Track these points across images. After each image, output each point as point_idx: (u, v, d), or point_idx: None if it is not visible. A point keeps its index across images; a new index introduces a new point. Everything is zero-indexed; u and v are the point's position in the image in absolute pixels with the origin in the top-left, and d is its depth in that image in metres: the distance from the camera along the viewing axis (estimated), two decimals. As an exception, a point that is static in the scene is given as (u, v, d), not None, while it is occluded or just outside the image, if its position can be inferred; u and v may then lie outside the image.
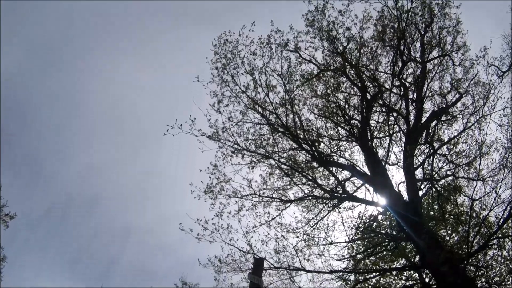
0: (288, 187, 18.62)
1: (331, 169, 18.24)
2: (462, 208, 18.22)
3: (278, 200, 18.40)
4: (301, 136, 17.72)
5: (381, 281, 20.28)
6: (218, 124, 17.82)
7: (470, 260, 16.14)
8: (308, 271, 16.93)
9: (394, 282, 20.65)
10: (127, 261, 76.87)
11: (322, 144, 18.74)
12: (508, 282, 17.31)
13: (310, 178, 18.25)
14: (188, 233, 16.60)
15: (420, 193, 17.18)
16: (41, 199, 77.36)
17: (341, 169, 18.54)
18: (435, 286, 18.60)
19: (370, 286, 20.35)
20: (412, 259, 19.05)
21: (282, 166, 18.32)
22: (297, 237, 18.30)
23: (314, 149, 17.67)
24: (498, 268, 17.53)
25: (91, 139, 76.44)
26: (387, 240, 18.63)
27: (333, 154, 18.74)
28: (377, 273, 18.71)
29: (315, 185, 18.26)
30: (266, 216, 18.04)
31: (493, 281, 17.17)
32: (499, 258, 17.55)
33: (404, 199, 16.40)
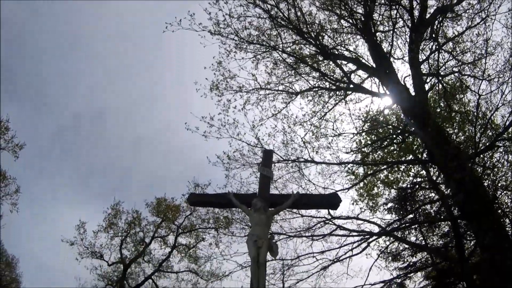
0: (294, 79, 18.37)
1: (336, 61, 17.85)
2: (468, 108, 18.12)
3: (284, 92, 18.23)
4: (305, 30, 17.20)
5: (389, 177, 20.46)
6: (219, 18, 17.27)
7: (476, 160, 16.19)
8: (317, 163, 17.00)
9: (402, 178, 20.84)
10: (139, 171, 78.13)
11: (326, 38, 18.26)
12: None
13: (315, 68, 17.98)
14: (194, 132, 16.67)
15: (426, 87, 16.95)
16: (49, 124, 77.75)
17: (346, 62, 18.14)
18: (442, 183, 18.89)
19: (378, 181, 20.58)
20: (419, 156, 19.09)
21: (287, 59, 18.04)
22: (305, 129, 18.35)
23: (318, 42, 17.25)
24: (504, 172, 17.73)
25: (92, 56, 75.81)
26: (394, 134, 18.61)
27: (337, 47, 18.26)
28: (386, 166, 18.80)
29: (321, 75, 18.03)
30: (273, 109, 17.98)
31: (499, 185, 17.34)
32: (505, 162, 17.71)
33: (411, 93, 16.18)
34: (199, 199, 10.22)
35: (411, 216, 19.22)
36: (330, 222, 16.87)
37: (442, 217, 19.57)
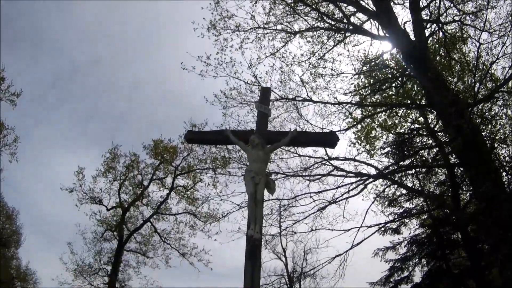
0: (293, 19, 18.08)
1: (336, 3, 17.55)
2: (468, 58, 17.97)
3: (282, 32, 17.97)
4: (304, -30, 16.88)
5: (387, 122, 20.44)
6: None
7: (475, 110, 16.21)
8: (315, 102, 17.06)
9: (399, 123, 20.84)
10: (136, 115, 78.49)
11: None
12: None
13: (314, 7, 17.63)
14: (191, 71, 16.66)
15: (426, 33, 16.89)
16: (46, 71, 77.27)
17: (346, 4, 17.80)
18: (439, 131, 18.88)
19: (376, 125, 20.56)
20: (418, 102, 19.05)
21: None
22: (303, 69, 18.27)
23: (317, -16, 16.95)
24: (502, 125, 18.01)
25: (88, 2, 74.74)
26: (393, 78, 18.49)
27: (336, -12, 17.90)
28: (384, 108, 18.74)
29: (320, 16, 17.76)
30: (271, 48, 17.80)
31: (497, 137, 17.46)
32: (504, 116, 17.84)
33: (410, 37, 15.97)
34: (196, 136, 10.08)
35: (408, 161, 19.31)
36: (327, 163, 17.02)
37: (439, 163, 19.69)
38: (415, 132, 20.11)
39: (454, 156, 17.53)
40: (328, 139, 9.26)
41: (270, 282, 31.01)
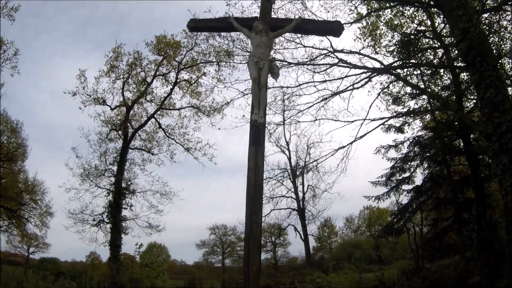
0: None
1: None
2: None
3: None
4: None
5: (393, 21, 20.13)
6: None
7: (483, 19, 16.20)
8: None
9: (406, 24, 20.54)
10: (136, 16, 76.96)
11: None
12: None
13: None
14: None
15: None
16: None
17: None
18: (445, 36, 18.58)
19: (382, 24, 20.23)
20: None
21: None
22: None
23: None
24: (509, 37, 17.92)
25: None
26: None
27: None
28: (390, 4, 18.37)
29: None
30: None
31: (503, 51, 17.54)
32: None
33: None
34: (199, 23, 9.83)
35: (413, 61, 19.22)
36: (332, 55, 16.93)
37: (444, 64, 19.60)
38: (421, 34, 19.87)
39: (459, 61, 17.44)
40: (333, 27, 9.20)
41: (273, 175, 31.94)
